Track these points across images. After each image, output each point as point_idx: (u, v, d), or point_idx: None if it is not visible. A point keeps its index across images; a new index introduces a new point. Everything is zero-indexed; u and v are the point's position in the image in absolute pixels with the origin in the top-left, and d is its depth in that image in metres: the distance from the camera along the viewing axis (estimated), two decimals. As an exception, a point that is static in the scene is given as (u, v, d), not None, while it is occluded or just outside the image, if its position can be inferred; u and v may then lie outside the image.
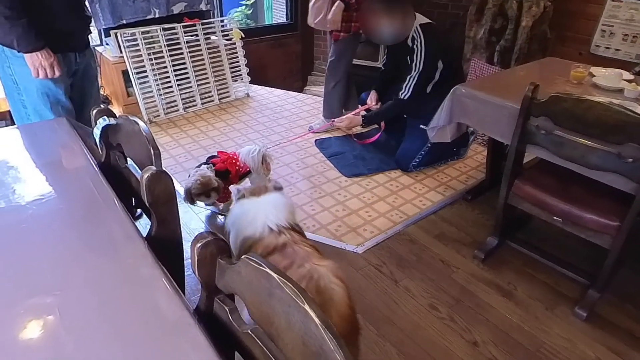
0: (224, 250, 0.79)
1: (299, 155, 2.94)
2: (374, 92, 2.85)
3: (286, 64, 4.50)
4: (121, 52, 3.24)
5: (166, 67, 3.42)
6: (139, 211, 1.47)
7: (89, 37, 2.02)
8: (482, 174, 2.70)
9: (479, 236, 2.17)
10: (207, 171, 2.04)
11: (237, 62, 3.84)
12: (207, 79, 3.66)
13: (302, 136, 3.15)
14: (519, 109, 1.71)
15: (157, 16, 3.35)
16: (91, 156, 1.30)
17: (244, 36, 3.79)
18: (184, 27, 3.47)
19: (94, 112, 1.36)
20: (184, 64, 3.50)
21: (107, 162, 1.35)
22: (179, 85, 3.50)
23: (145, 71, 3.33)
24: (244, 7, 5.41)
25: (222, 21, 3.74)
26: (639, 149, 1.44)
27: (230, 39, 3.75)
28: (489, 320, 1.73)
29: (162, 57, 3.39)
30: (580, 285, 1.85)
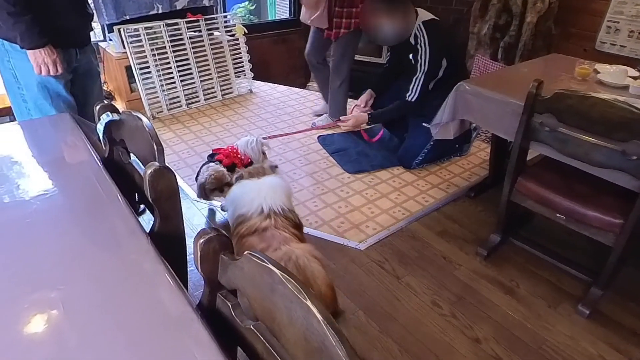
0: (226, 246, 0.79)
1: (302, 151, 2.94)
2: (368, 93, 2.84)
3: (289, 60, 4.48)
4: (124, 48, 3.24)
5: (169, 62, 3.42)
6: (142, 207, 1.48)
7: (90, 33, 2.02)
8: (485, 171, 2.69)
9: (481, 233, 2.17)
10: (219, 166, 2.07)
11: (240, 58, 3.83)
12: (210, 74, 3.65)
13: (304, 131, 3.15)
14: (523, 105, 1.70)
15: (160, 12, 3.35)
16: (94, 152, 1.31)
17: (247, 32, 3.77)
18: (187, 22, 3.46)
19: (97, 107, 1.36)
20: (187, 59, 3.50)
21: (110, 158, 1.35)
22: (182, 81, 3.50)
23: (148, 67, 3.33)
24: (247, 2, 5.40)
25: (225, 17, 3.73)
26: (643, 146, 1.43)
27: (233, 35, 3.74)
28: (491, 317, 1.73)
29: (165, 52, 3.39)
30: (583, 282, 1.85)
